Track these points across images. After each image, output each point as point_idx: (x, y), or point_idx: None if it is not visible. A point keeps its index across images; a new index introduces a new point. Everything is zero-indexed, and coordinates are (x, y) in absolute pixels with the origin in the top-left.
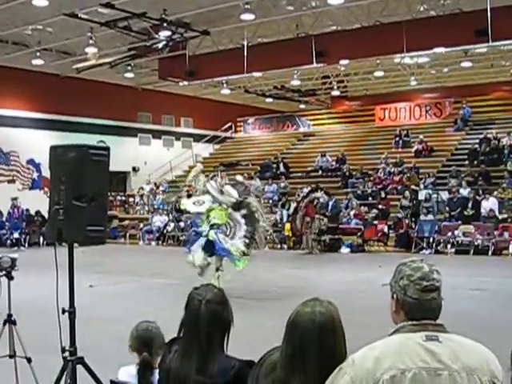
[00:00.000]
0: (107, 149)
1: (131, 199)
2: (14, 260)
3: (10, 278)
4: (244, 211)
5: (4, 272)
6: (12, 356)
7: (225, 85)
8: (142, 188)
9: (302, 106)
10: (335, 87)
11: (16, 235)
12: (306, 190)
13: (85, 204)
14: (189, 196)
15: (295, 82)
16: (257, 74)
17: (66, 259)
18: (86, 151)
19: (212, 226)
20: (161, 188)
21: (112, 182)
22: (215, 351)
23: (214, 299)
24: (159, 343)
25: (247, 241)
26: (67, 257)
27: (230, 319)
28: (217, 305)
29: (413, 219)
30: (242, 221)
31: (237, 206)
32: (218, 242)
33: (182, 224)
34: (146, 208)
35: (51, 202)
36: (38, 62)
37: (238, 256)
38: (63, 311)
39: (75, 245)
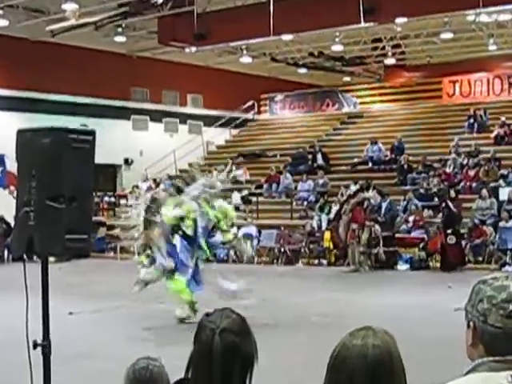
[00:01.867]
0: (92, 133)
1: (123, 201)
2: None
3: None
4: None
5: None
6: None
7: (245, 51)
8: (136, 186)
9: (347, 79)
10: (389, 54)
11: None
12: (353, 188)
13: (63, 205)
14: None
15: (337, 48)
16: (287, 37)
17: (39, 278)
18: (65, 136)
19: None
20: (161, 186)
21: (98, 179)
22: None
23: (232, 328)
24: None
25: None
26: (40, 275)
27: (253, 354)
28: (235, 335)
29: (493, 226)
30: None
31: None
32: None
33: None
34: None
35: (19, 202)
36: (0, 22)
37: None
38: (35, 345)
39: (50, 259)
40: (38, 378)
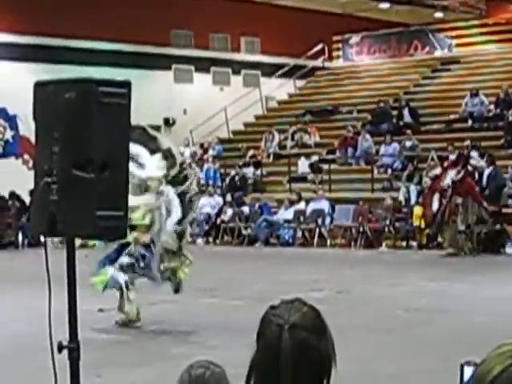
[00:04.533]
0: (127, 84)
1: None
2: None
3: None
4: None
5: None
6: None
7: None
8: (180, 153)
9: (439, 15)
10: None
11: None
12: (452, 157)
13: (92, 174)
14: (256, 164)
15: None
16: None
17: (63, 266)
18: (94, 89)
19: None
20: (211, 152)
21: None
22: None
23: (303, 323)
24: None
25: None
26: (65, 261)
27: (330, 355)
28: (308, 332)
29: None
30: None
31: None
32: None
33: (245, 210)
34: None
35: (38, 172)
36: None
37: None
38: (60, 348)
39: (77, 241)
40: None
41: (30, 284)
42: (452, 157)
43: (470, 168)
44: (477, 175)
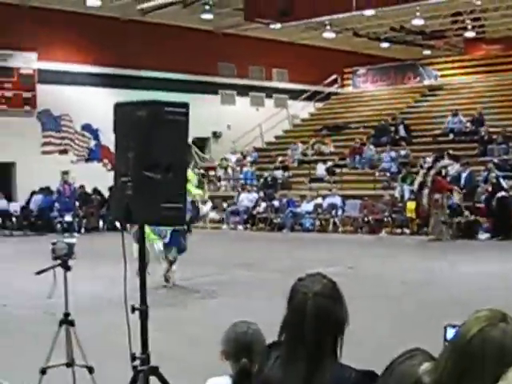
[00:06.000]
0: (186, 105)
1: (211, 173)
2: (71, 246)
3: (66, 268)
4: None
5: (59, 261)
6: (70, 365)
7: (328, 27)
8: (224, 159)
9: (427, 52)
10: (469, 27)
11: (68, 218)
12: (429, 160)
13: (159, 175)
14: (284, 168)
15: (418, 22)
16: (369, 12)
17: (133, 248)
18: (160, 109)
19: None
20: (248, 158)
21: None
22: (326, 358)
23: (324, 292)
24: (260, 348)
25: None
26: (138, 241)
27: (344, 317)
28: (327, 299)
29: None
30: None
31: None
32: None
33: (276, 203)
34: (231, 184)
35: (117, 173)
36: (93, 2)
37: None
38: (133, 309)
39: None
40: (135, 342)
41: (107, 259)
42: (428, 163)
43: (442, 171)
44: (444, 173)
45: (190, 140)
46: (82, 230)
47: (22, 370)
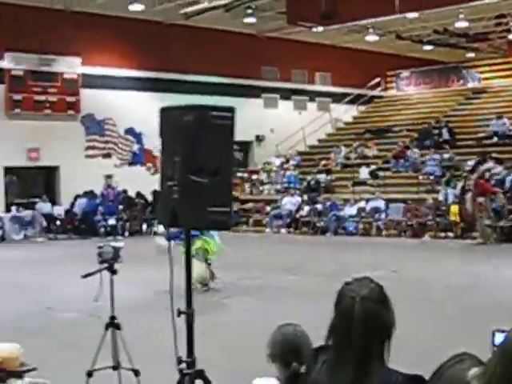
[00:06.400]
0: (232, 110)
1: (255, 176)
2: (117, 250)
3: (112, 271)
4: None
5: (106, 264)
6: (116, 367)
7: (371, 30)
8: (267, 162)
9: (471, 55)
10: None
11: (111, 221)
12: (470, 163)
13: (205, 179)
14: (327, 171)
15: (461, 24)
16: (412, 15)
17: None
18: (206, 113)
19: None
20: (291, 162)
21: None
22: (374, 362)
23: (371, 296)
24: (308, 351)
25: None
26: (184, 246)
27: (391, 321)
28: (374, 303)
29: None
30: None
31: None
32: None
33: (319, 207)
34: (275, 187)
35: (163, 177)
36: (136, 7)
37: None
38: (179, 313)
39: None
40: (181, 345)
41: (150, 262)
42: (469, 166)
43: (485, 174)
44: (488, 176)
45: None
46: (126, 234)
47: (68, 373)
